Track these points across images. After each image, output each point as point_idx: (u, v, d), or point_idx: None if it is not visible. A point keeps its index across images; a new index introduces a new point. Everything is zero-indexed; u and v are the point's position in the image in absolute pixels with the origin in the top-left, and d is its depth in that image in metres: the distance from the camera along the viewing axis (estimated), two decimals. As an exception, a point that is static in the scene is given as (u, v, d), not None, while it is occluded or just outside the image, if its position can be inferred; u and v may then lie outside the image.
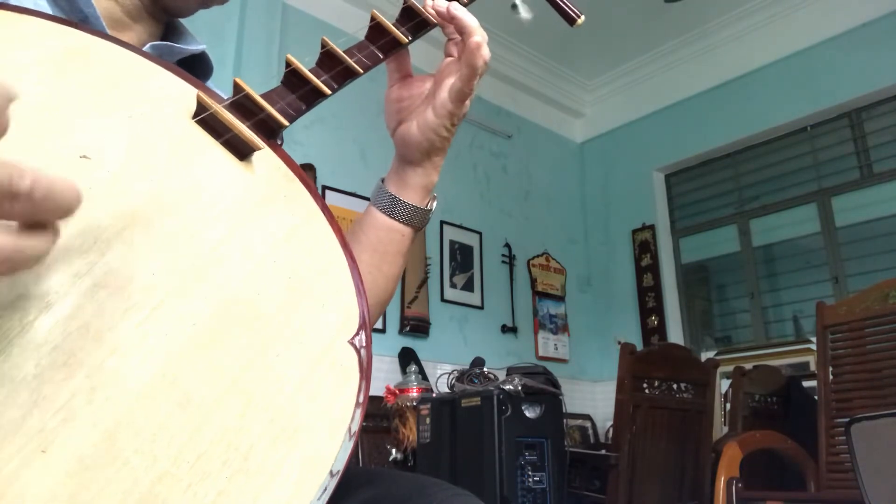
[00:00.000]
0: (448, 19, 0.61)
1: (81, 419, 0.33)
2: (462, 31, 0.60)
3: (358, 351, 0.42)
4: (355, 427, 0.40)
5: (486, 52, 0.60)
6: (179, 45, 0.63)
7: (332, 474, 0.37)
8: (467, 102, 0.61)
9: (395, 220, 0.64)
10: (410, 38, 0.60)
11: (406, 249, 0.66)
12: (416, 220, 0.65)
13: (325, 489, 0.37)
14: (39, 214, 0.30)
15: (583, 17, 0.67)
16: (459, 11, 0.60)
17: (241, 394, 0.37)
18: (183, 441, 0.34)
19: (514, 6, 0.68)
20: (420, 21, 0.61)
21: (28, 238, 0.30)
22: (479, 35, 0.60)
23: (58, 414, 0.32)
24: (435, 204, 0.67)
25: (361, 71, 0.55)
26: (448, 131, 0.62)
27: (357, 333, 0.43)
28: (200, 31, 0.70)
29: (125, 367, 0.35)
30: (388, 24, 0.58)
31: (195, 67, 0.68)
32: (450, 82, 0.61)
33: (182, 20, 0.70)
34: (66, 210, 0.31)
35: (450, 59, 0.63)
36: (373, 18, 0.57)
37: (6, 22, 0.42)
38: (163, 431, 0.34)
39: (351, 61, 0.54)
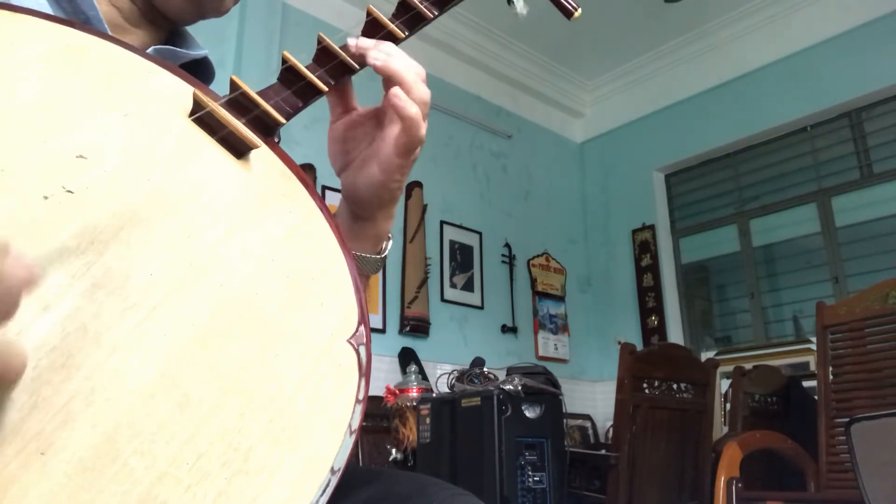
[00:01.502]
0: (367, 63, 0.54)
1: (80, 421, 0.33)
2: (386, 76, 0.53)
3: (357, 350, 0.42)
4: (355, 424, 0.40)
5: (420, 93, 0.53)
6: (181, 50, 0.63)
7: (333, 471, 0.37)
8: (417, 150, 0.55)
9: None
10: (407, 34, 0.60)
11: None
12: (372, 268, 0.60)
13: (327, 487, 0.37)
14: None
15: (580, 10, 0.66)
16: (376, 54, 0.53)
17: (241, 394, 0.37)
18: (182, 442, 0.34)
19: (511, 1, 0.67)
20: (415, 14, 0.60)
21: None
22: (408, 78, 0.53)
23: (57, 416, 0.32)
24: (390, 245, 0.62)
25: (358, 67, 0.55)
26: (398, 182, 0.56)
27: (356, 332, 0.43)
28: (200, 32, 0.70)
29: (124, 368, 0.35)
30: (384, 18, 0.57)
31: (197, 73, 0.67)
32: (393, 133, 0.54)
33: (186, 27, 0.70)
34: (11, 380, 0.31)
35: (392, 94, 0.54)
36: (369, 13, 0.57)
37: (5, 21, 0.42)
38: (162, 432, 0.34)
39: (346, 56, 0.54)
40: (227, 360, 0.38)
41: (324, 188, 3.18)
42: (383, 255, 0.61)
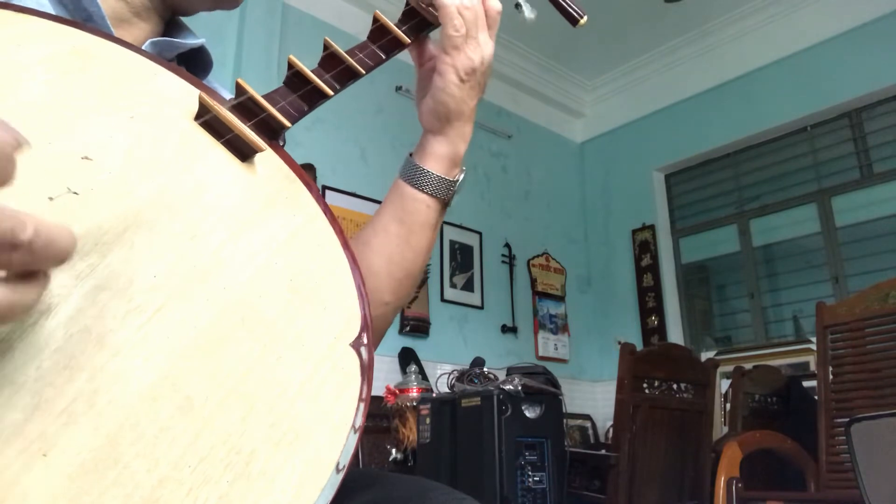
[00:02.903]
0: None
1: (83, 422, 0.33)
2: None
3: (359, 354, 0.42)
4: (359, 423, 0.40)
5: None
6: (179, 40, 0.63)
7: (337, 470, 0.37)
8: (462, 49, 0.59)
9: (420, 190, 0.63)
10: (412, 39, 0.60)
11: (434, 222, 0.65)
12: (441, 191, 0.63)
13: (329, 488, 0.37)
14: (37, 264, 0.29)
15: (585, 18, 0.66)
16: None
17: (243, 397, 0.37)
18: (184, 445, 0.34)
19: (518, 6, 0.67)
20: (421, 20, 0.61)
21: (21, 290, 0.29)
22: None
23: (59, 417, 0.32)
24: (463, 177, 0.65)
25: (364, 71, 0.55)
26: (457, 86, 0.60)
27: (359, 336, 0.43)
28: (200, 31, 0.70)
29: (127, 370, 0.35)
30: (391, 24, 0.58)
31: (194, 62, 0.68)
32: (441, 34, 0.60)
33: (182, 17, 0.70)
34: (63, 259, 0.30)
35: None
36: (375, 20, 0.57)
37: (8, 22, 0.42)
38: (164, 435, 0.34)
39: (352, 61, 0.54)
40: (229, 363, 0.38)
41: (324, 188, 3.18)
42: (455, 179, 0.64)
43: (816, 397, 2.28)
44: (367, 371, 0.42)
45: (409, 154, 0.66)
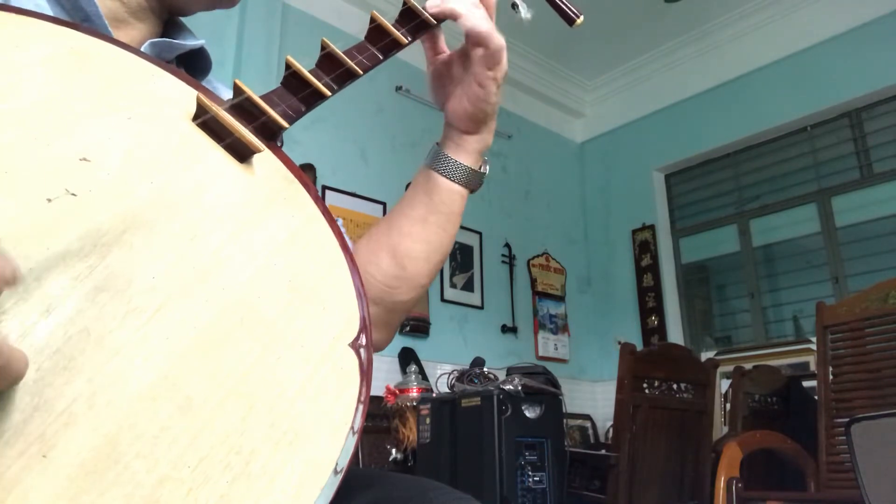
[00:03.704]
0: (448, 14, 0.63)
1: (83, 423, 0.33)
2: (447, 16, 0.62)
3: (359, 354, 0.42)
4: (357, 425, 0.40)
5: (478, 20, 0.61)
6: (178, 41, 0.63)
7: (336, 472, 0.37)
8: (502, 62, 0.63)
9: (456, 182, 0.68)
10: (410, 39, 0.60)
11: (461, 210, 0.71)
12: (474, 182, 0.70)
13: (329, 488, 0.37)
14: None
15: (582, 18, 0.67)
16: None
17: (243, 397, 0.37)
18: (184, 445, 0.34)
19: (515, 6, 0.68)
20: (420, 22, 0.61)
21: None
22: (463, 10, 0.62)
23: (59, 418, 0.32)
24: (487, 168, 0.71)
25: (361, 72, 0.55)
26: (495, 94, 0.65)
27: (358, 337, 0.43)
28: (200, 31, 0.70)
29: (126, 371, 0.35)
30: (388, 25, 0.58)
31: (194, 62, 0.68)
32: (478, 54, 0.63)
33: (182, 18, 0.70)
34: (12, 384, 0.31)
35: None
36: (373, 20, 0.57)
37: (7, 23, 0.42)
38: (164, 435, 0.34)
39: (351, 63, 0.54)
40: (228, 363, 0.38)
41: (324, 188, 3.18)
42: (483, 171, 0.71)
43: (816, 397, 2.28)
44: (366, 372, 0.42)
45: (436, 144, 0.70)
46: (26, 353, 0.32)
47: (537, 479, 2.01)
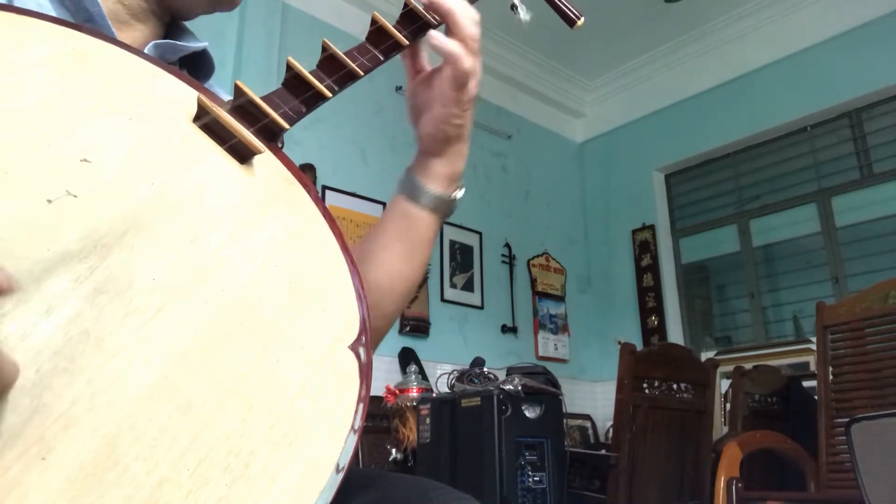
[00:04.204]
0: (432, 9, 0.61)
1: (82, 425, 0.33)
2: (436, 13, 0.60)
3: (358, 356, 0.42)
4: (357, 424, 0.40)
5: (467, 30, 0.59)
6: (181, 43, 0.64)
7: (337, 470, 0.37)
8: (471, 84, 0.61)
9: (422, 208, 0.65)
10: (411, 41, 0.60)
11: (432, 237, 0.67)
12: (442, 208, 0.65)
13: (329, 489, 0.37)
14: None
15: (582, 19, 0.67)
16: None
17: (243, 399, 0.37)
18: (184, 447, 0.34)
19: (514, 7, 0.68)
20: (421, 24, 0.61)
21: None
22: (456, 18, 0.59)
23: (58, 420, 0.32)
24: (461, 193, 0.67)
25: (362, 73, 0.55)
26: (458, 117, 0.62)
27: (358, 337, 0.43)
28: (201, 32, 0.70)
29: (126, 373, 0.35)
30: (389, 26, 0.58)
31: (197, 65, 0.68)
32: (447, 73, 0.61)
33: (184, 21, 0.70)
34: (2, 392, 0.31)
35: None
36: (374, 21, 0.57)
37: (8, 23, 0.42)
38: (164, 437, 0.34)
39: (352, 64, 0.54)
40: (228, 364, 0.38)
41: (324, 188, 3.18)
42: (453, 197, 0.66)
43: (816, 397, 2.28)
44: (366, 372, 0.42)
45: (407, 170, 0.67)
46: (26, 354, 0.32)
47: (537, 479, 2.01)
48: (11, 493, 0.30)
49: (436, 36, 0.59)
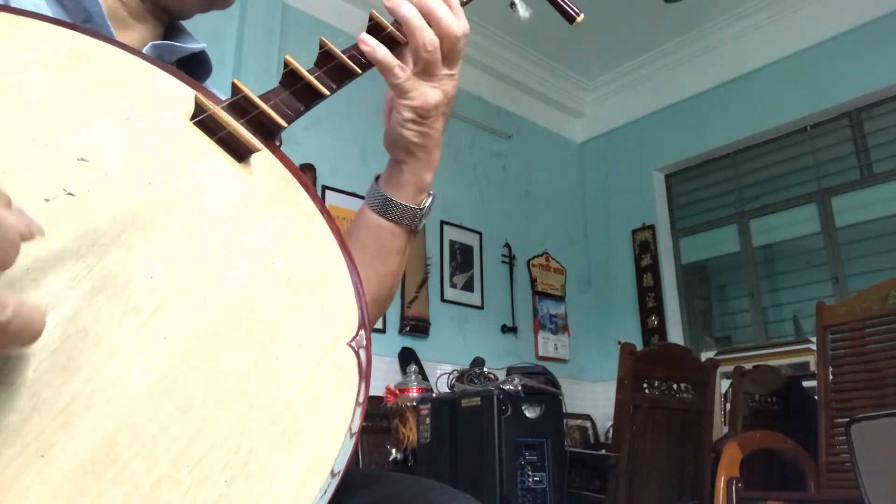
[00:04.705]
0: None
1: (81, 423, 0.33)
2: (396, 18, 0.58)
3: (357, 353, 0.42)
4: (356, 427, 0.40)
5: (417, 40, 0.56)
6: (180, 44, 0.64)
7: (333, 474, 0.37)
8: (410, 93, 0.57)
9: (386, 218, 0.62)
10: (407, 39, 0.60)
11: (401, 248, 0.64)
12: (407, 218, 0.62)
13: (326, 491, 0.37)
14: (5, 344, 0.29)
15: (582, 16, 0.66)
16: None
17: (242, 397, 0.37)
18: (183, 445, 0.34)
19: (513, 4, 0.68)
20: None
21: None
22: (411, 24, 0.56)
23: (57, 418, 0.32)
24: (429, 202, 0.64)
25: (360, 71, 0.55)
26: (415, 123, 0.59)
27: (356, 335, 0.43)
28: (201, 32, 0.70)
29: (125, 371, 0.35)
30: (387, 23, 0.58)
31: (195, 66, 0.68)
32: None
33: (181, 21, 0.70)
34: (31, 343, 0.30)
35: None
36: (371, 18, 0.57)
37: (6, 24, 0.42)
38: (162, 435, 0.34)
39: (349, 61, 0.54)
40: (227, 363, 0.38)
41: (324, 188, 3.18)
42: (420, 207, 0.63)
43: (816, 397, 2.28)
44: (365, 372, 0.42)
45: (375, 178, 0.65)
46: (23, 354, 0.32)
47: (537, 479, 2.01)
48: (11, 490, 0.30)
49: (366, 40, 0.55)
